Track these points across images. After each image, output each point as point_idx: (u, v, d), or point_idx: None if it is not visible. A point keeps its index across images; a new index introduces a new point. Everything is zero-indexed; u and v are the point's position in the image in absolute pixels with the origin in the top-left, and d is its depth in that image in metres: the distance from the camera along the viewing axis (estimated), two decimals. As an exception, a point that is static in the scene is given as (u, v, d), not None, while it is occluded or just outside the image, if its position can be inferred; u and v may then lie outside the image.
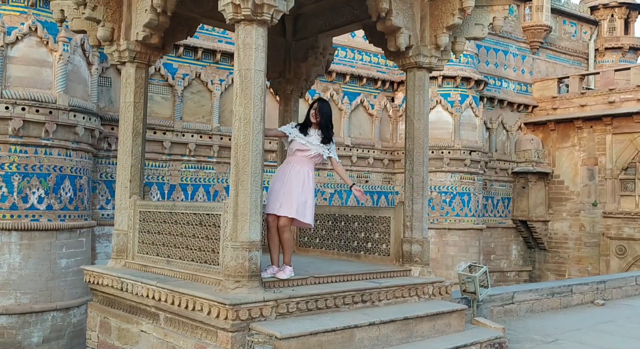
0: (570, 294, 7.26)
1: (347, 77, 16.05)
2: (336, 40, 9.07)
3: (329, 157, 4.88)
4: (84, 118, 10.89)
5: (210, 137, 13.75)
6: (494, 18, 5.37)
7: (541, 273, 20.31)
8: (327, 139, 4.84)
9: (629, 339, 5.64)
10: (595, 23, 23.03)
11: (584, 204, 19.53)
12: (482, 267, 5.57)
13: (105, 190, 12.50)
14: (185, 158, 13.49)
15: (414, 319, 4.59)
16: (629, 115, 18.29)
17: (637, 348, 5.32)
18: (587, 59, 22.86)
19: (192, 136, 13.51)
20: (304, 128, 4.87)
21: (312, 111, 4.86)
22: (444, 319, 4.84)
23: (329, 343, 4.02)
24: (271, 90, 6.85)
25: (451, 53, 5.43)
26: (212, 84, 13.92)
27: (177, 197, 13.27)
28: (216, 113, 13.92)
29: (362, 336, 4.23)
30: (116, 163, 5.54)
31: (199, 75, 13.78)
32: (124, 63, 5.39)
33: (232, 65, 13.97)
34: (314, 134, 4.84)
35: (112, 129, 12.14)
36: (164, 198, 13.05)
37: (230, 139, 14.11)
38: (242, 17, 4.15)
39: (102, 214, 12.32)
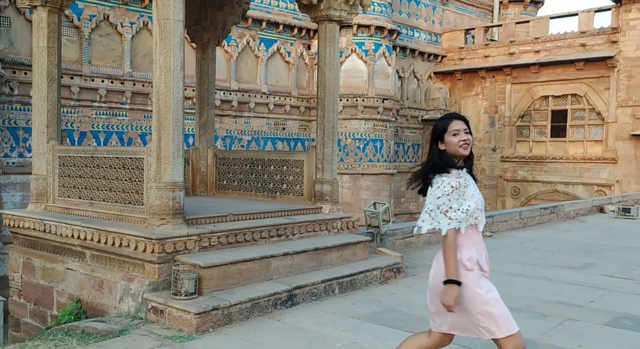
0: (462, 228, 8.19)
1: (264, 24, 16.01)
2: (252, -14, 9.10)
3: None
4: (-18, 61, 10.29)
5: (122, 83, 13.40)
6: (398, -25, 5.78)
7: (445, 213, 21.97)
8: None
9: (505, 263, 6.62)
10: (501, -24, 24.16)
11: (485, 150, 21.16)
12: (385, 204, 6.22)
13: (10, 137, 11.96)
14: (96, 104, 13.11)
15: (323, 250, 5.17)
16: (526, 66, 19.75)
17: (510, 268, 6.28)
18: (492, 12, 24.09)
19: (103, 81, 13.10)
20: (453, 173, 2.64)
21: (459, 135, 2.64)
22: (350, 249, 5.47)
23: (247, 270, 4.50)
24: (187, 37, 6.93)
25: (359, 7, 5.81)
26: (122, 26, 13.43)
27: (89, 145, 12.97)
28: (127, 58, 13.51)
29: (277, 265, 4.75)
30: (21, 109, 5.53)
31: (107, 17, 13.21)
32: (35, 7, 5.30)
33: (143, 8, 13.69)
34: (467, 175, 2.71)
35: (14, 72, 11.50)
36: (74, 145, 12.71)
37: (143, 85, 13.89)
38: (159, -33, 4.27)
39: (7, 162, 11.83)
